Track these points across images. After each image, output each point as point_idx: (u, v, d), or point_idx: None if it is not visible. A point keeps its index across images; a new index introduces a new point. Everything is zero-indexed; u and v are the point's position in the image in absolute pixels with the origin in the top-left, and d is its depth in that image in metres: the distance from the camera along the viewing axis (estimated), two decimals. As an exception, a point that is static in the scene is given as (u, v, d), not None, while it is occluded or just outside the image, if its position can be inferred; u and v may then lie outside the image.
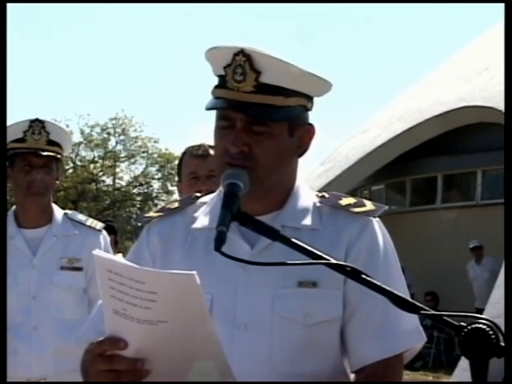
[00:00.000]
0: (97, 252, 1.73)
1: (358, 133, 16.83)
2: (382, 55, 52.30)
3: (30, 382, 3.70)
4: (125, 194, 33.81)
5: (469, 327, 1.55)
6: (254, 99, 1.92)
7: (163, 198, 33.53)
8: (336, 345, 1.99)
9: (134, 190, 34.16)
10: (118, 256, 6.88)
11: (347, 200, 2.06)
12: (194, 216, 2.09)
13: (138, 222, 2.70)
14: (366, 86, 52.64)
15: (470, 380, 1.55)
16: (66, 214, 3.91)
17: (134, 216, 33.45)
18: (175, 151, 31.45)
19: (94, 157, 32.92)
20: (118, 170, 33.64)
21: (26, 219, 3.83)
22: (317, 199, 2.07)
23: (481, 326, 1.55)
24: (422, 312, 1.66)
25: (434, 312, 1.67)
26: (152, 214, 2.16)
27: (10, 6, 4.58)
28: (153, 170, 33.71)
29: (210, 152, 3.37)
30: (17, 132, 3.73)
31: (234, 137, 1.94)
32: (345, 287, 1.98)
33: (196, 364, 1.75)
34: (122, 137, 32.81)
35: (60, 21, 48.97)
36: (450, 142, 14.52)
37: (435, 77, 16.55)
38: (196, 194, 2.18)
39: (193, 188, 3.31)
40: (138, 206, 34.04)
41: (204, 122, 2.02)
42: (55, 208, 3.90)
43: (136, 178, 33.66)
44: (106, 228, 4.04)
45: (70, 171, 31.38)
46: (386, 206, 2.09)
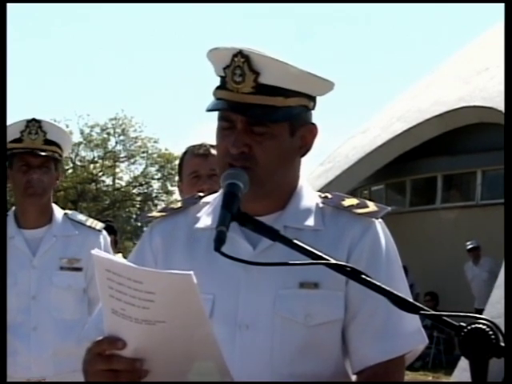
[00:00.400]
0: (95, 252, 1.73)
1: (358, 133, 16.83)
2: (382, 55, 52.32)
3: (29, 382, 3.70)
4: (125, 194, 33.80)
5: (469, 327, 1.55)
6: (254, 100, 1.92)
7: (163, 198, 33.55)
8: (337, 346, 1.99)
9: (134, 190, 34.15)
10: (118, 256, 6.88)
11: (350, 201, 2.06)
12: (197, 216, 2.09)
13: (141, 222, 2.70)
14: (366, 86, 52.67)
15: (469, 380, 1.55)
16: (66, 214, 3.91)
17: (134, 216, 33.47)
18: (175, 151, 31.48)
19: (94, 157, 32.93)
20: (117, 170, 33.64)
21: (25, 220, 3.83)
22: (319, 200, 2.07)
23: (480, 326, 1.55)
24: (422, 312, 1.66)
25: (434, 312, 1.67)
26: (155, 214, 2.16)
27: (9, 6, 4.58)
28: (153, 170, 33.71)
29: (212, 151, 3.37)
30: (14, 132, 3.73)
31: (234, 138, 1.94)
32: (346, 288, 1.97)
33: (196, 364, 1.75)
34: (121, 137, 32.82)
35: (60, 21, 49.01)
36: (449, 142, 14.52)
37: (435, 77, 16.55)
38: (199, 194, 2.18)
39: (194, 187, 3.30)
40: (137, 206, 34.04)
41: (204, 121, 2.02)
42: (55, 208, 3.90)
43: (136, 178, 33.66)
44: (106, 228, 4.03)
45: (70, 171, 31.36)
46: (389, 208, 2.08)
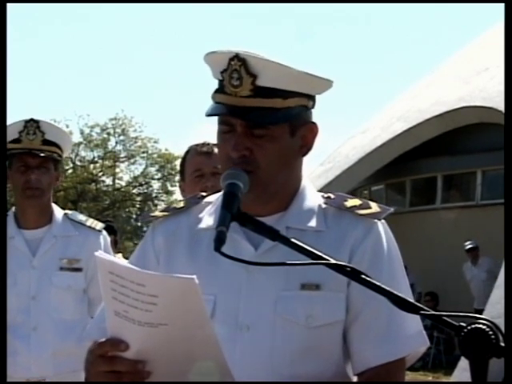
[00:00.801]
0: (99, 254, 1.73)
1: (357, 133, 16.83)
2: (382, 55, 52.32)
3: (29, 382, 3.70)
4: (124, 194, 33.80)
5: (468, 327, 1.55)
6: (252, 103, 1.91)
7: (163, 198, 33.55)
8: (338, 347, 1.99)
9: (134, 191, 34.15)
10: (118, 256, 6.88)
11: (353, 201, 2.05)
12: (199, 216, 2.09)
13: (142, 222, 2.70)
14: (366, 86, 52.67)
15: (469, 380, 1.55)
16: (66, 214, 3.91)
17: (134, 216, 33.48)
18: (175, 151, 31.52)
19: (94, 157, 32.93)
20: (117, 170, 33.65)
21: (25, 220, 3.83)
22: (322, 200, 2.06)
23: (480, 326, 1.55)
24: (422, 312, 1.66)
25: (434, 312, 1.67)
26: (157, 214, 2.16)
27: (9, 6, 4.58)
28: (153, 170, 33.72)
29: (215, 150, 3.36)
30: (13, 133, 3.73)
31: (234, 142, 1.93)
32: (348, 290, 1.97)
33: (196, 364, 1.75)
34: (121, 137, 32.82)
35: (60, 21, 49.01)
36: (449, 142, 14.52)
37: (435, 77, 16.55)
38: (201, 194, 2.18)
39: (198, 185, 3.30)
40: (137, 206, 34.05)
41: (204, 122, 2.03)
42: (55, 208, 3.89)
43: (136, 178, 33.66)
44: (106, 228, 4.03)
45: (70, 171, 31.37)
46: (392, 209, 2.07)
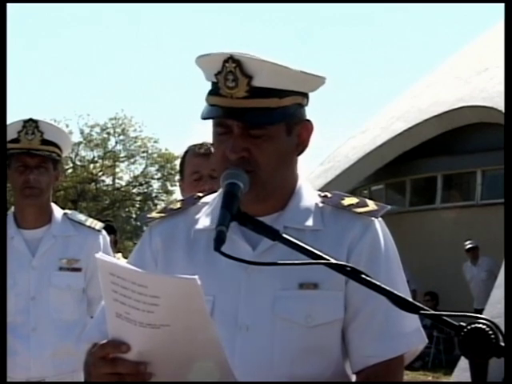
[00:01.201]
0: (100, 255, 1.72)
1: (358, 133, 16.83)
2: (382, 55, 52.32)
3: (29, 382, 3.70)
4: (124, 193, 33.80)
5: (468, 327, 1.55)
6: (249, 104, 1.91)
7: (163, 197, 33.55)
8: (337, 346, 1.99)
9: (134, 190, 34.15)
10: (118, 256, 6.88)
11: (350, 200, 2.06)
12: (196, 217, 2.09)
13: (140, 222, 2.70)
14: (366, 85, 52.66)
15: (469, 380, 1.55)
16: (65, 213, 3.90)
17: (134, 216, 33.48)
18: (175, 151, 31.50)
19: (94, 157, 32.93)
20: (117, 169, 33.64)
21: (24, 220, 3.82)
22: (319, 199, 2.06)
23: (480, 326, 1.55)
24: (422, 312, 1.66)
25: (434, 312, 1.66)
26: (154, 215, 2.15)
27: (9, 5, 4.58)
28: (152, 169, 33.72)
29: (213, 151, 3.36)
30: (12, 133, 3.73)
31: (232, 143, 1.93)
32: (346, 288, 1.97)
33: (196, 364, 1.75)
34: (121, 137, 32.82)
35: (60, 21, 48.98)
36: (449, 142, 14.52)
37: (435, 77, 16.55)
38: (198, 194, 2.18)
39: (196, 187, 3.30)
40: (137, 205, 34.05)
41: (204, 122, 2.01)
42: (55, 208, 3.89)
43: (136, 177, 33.66)
44: (106, 228, 4.03)
45: (70, 171, 31.37)
46: (389, 206, 2.08)
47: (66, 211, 3.95)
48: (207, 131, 2.06)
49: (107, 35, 50.38)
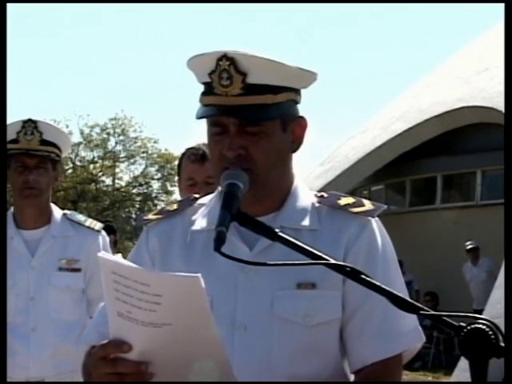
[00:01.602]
0: (102, 254, 1.72)
1: (357, 133, 16.84)
2: (382, 55, 52.33)
3: (28, 382, 3.70)
4: (124, 194, 33.82)
5: (468, 327, 1.55)
6: (244, 101, 1.91)
7: (163, 198, 33.56)
8: (335, 346, 1.99)
9: (134, 191, 34.17)
10: (118, 256, 6.88)
11: (346, 200, 2.06)
12: (193, 218, 2.09)
13: (137, 224, 2.70)
14: (365, 85, 52.66)
15: (469, 380, 1.55)
16: (65, 214, 3.90)
17: (134, 216, 33.48)
18: (175, 151, 31.47)
19: (94, 157, 32.94)
20: (117, 170, 33.66)
21: (24, 220, 3.82)
22: (315, 199, 2.07)
23: (480, 326, 1.54)
24: (422, 312, 1.66)
25: (434, 312, 1.66)
26: (151, 217, 2.16)
27: (9, 5, 4.57)
28: (152, 170, 33.73)
29: (208, 156, 3.37)
30: (11, 133, 3.73)
31: (229, 141, 1.93)
32: (344, 288, 1.97)
33: (196, 364, 1.75)
34: (121, 137, 32.83)
35: (60, 21, 48.97)
36: (449, 142, 14.53)
37: (435, 77, 16.56)
38: (195, 196, 2.19)
39: (190, 193, 3.31)
40: (137, 206, 34.05)
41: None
42: (54, 208, 3.89)
43: (135, 178, 33.67)
44: (106, 228, 4.03)
45: (70, 171, 31.38)
46: (385, 206, 2.08)
47: (66, 211, 3.95)
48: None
49: (107, 35, 50.43)
